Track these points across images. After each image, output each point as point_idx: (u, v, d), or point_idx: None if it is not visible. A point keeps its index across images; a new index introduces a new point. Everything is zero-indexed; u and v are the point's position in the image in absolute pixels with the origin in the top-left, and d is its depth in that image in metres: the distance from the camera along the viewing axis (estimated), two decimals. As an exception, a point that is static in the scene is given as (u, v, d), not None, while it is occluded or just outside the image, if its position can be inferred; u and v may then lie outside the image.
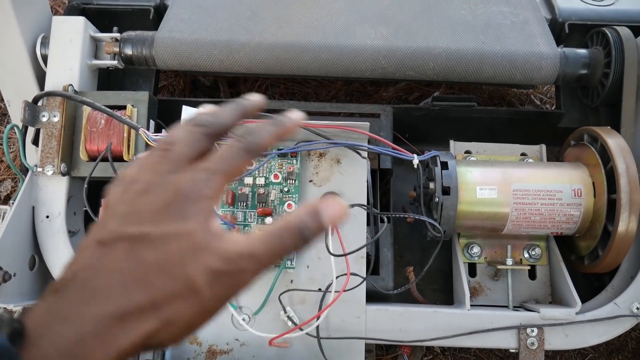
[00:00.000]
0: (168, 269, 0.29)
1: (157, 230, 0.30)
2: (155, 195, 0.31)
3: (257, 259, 0.30)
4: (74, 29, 0.86)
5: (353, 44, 0.87)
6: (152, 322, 0.29)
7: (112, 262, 0.29)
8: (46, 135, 0.79)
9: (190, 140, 0.33)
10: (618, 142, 0.77)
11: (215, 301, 0.30)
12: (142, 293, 0.29)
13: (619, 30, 0.86)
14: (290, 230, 0.31)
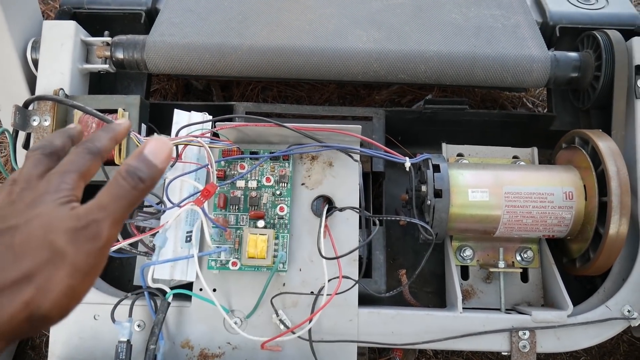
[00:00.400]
0: (33, 243, 0.33)
1: (19, 220, 0.34)
2: (16, 203, 0.35)
3: (104, 207, 0.34)
4: (64, 33, 0.86)
5: (345, 47, 0.87)
6: (27, 290, 0.31)
7: None
8: (37, 140, 0.79)
9: (32, 163, 0.38)
10: (609, 145, 0.77)
11: (83, 257, 0.33)
12: (13, 268, 0.32)
13: (610, 34, 0.87)
14: (121, 174, 0.35)
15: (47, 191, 0.35)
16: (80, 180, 0.37)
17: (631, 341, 1.03)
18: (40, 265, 0.32)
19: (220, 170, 0.78)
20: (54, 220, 0.33)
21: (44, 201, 0.34)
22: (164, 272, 0.75)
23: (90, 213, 0.34)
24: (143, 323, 0.75)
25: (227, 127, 0.75)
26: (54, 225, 0.33)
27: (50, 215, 0.34)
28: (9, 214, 0.34)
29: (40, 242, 0.33)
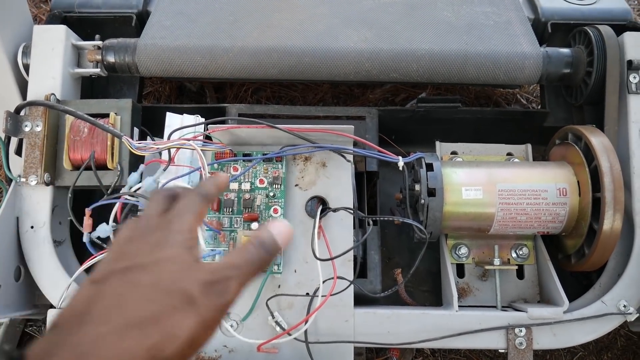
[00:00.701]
0: (164, 286, 0.33)
1: (147, 259, 0.35)
2: (140, 240, 0.37)
3: (237, 267, 0.36)
4: (55, 38, 0.85)
5: (336, 47, 0.87)
6: (154, 336, 0.31)
7: (108, 290, 0.33)
8: (29, 145, 0.79)
9: (153, 204, 0.41)
10: (602, 140, 0.77)
11: (211, 310, 0.34)
12: (141, 309, 0.32)
13: (601, 29, 0.86)
14: (253, 243, 0.39)
15: (170, 231, 0.37)
16: (196, 222, 0.39)
17: (628, 335, 1.03)
18: (169, 310, 0.32)
19: (213, 173, 0.78)
20: (187, 268, 0.35)
21: (170, 244, 0.36)
22: (159, 276, 0.74)
23: (224, 269, 0.36)
24: (139, 327, 0.75)
25: (219, 129, 0.74)
26: (187, 274, 0.34)
27: (181, 261, 0.35)
28: (133, 252, 0.35)
29: (171, 288, 0.33)
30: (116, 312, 0.31)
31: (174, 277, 0.34)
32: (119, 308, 0.32)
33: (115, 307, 0.32)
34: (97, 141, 0.79)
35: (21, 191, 0.80)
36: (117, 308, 0.31)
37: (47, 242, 0.79)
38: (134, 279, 0.33)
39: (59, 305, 0.77)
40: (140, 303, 0.32)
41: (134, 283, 0.33)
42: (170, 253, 0.35)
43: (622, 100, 0.85)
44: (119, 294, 0.32)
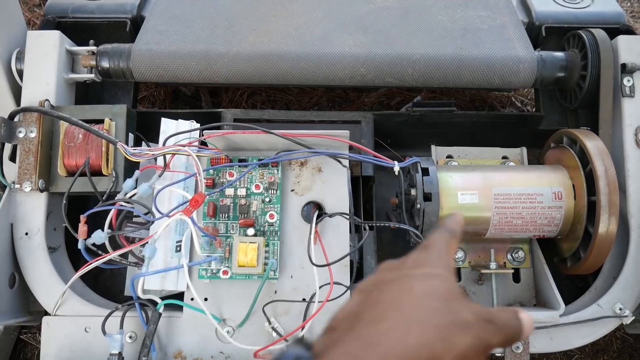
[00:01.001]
0: (438, 297, 0.35)
1: (415, 271, 0.38)
2: (402, 259, 0.40)
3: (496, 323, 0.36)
4: (49, 43, 0.85)
5: (331, 52, 0.87)
6: (434, 341, 0.32)
7: (381, 296, 0.36)
8: (23, 152, 0.78)
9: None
10: (596, 144, 0.77)
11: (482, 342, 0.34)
12: (419, 313, 0.34)
13: (595, 33, 0.87)
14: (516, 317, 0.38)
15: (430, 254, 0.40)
16: (449, 252, 0.43)
17: (624, 338, 1.04)
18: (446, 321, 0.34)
19: (208, 179, 0.77)
20: (454, 288, 0.37)
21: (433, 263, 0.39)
22: (155, 282, 0.74)
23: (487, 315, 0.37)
24: (135, 334, 0.75)
25: (214, 135, 0.74)
26: (457, 294, 0.37)
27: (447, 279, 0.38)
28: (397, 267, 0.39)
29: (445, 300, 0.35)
30: (393, 313, 0.34)
31: (445, 293, 0.36)
32: (396, 309, 0.34)
33: (392, 309, 0.34)
34: (92, 147, 0.78)
35: (15, 197, 0.80)
36: (393, 309, 0.34)
37: (41, 248, 0.79)
38: (406, 286, 0.36)
39: (53, 313, 0.76)
40: (417, 307, 0.34)
41: (408, 289, 0.36)
42: (436, 271, 0.38)
43: (616, 103, 0.86)
44: (393, 298, 0.35)
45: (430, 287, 0.36)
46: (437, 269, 0.38)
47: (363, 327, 0.34)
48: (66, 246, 0.84)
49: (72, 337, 0.76)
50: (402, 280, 0.37)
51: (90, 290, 0.82)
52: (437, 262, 0.40)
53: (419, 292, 0.36)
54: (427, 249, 0.41)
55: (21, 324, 1.00)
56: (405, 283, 0.37)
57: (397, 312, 0.34)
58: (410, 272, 0.38)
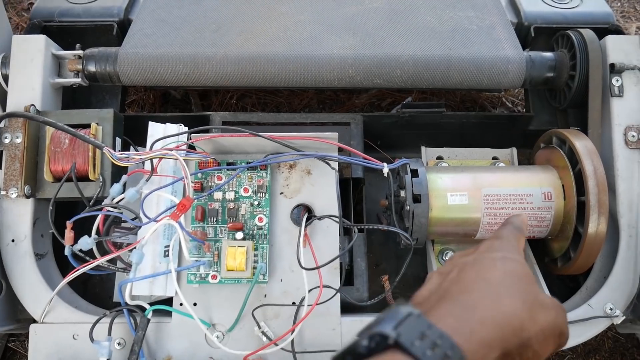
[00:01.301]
0: (518, 276, 0.39)
1: (493, 255, 0.41)
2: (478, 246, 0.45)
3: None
4: (34, 48, 0.84)
5: (320, 54, 0.87)
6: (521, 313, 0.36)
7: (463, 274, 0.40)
8: (9, 157, 0.77)
9: None
10: (585, 144, 0.77)
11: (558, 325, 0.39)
12: (505, 289, 0.37)
13: (583, 33, 0.87)
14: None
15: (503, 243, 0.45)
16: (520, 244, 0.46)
17: (616, 337, 1.04)
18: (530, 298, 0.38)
19: (197, 183, 0.77)
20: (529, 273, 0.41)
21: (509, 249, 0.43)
22: (143, 288, 0.74)
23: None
24: (123, 341, 0.74)
25: (202, 138, 0.74)
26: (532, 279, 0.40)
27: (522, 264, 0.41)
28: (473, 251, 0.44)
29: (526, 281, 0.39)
30: (482, 285, 0.37)
31: (524, 275, 0.39)
32: (483, 282, 0.38)
33: (479, 282, 0.38)
34: (78, 152, 0.77)
35: (1, 204, 0.79)
36: (481, 283, 0.38)
37: (28, 255, 0.78)
38: (488, 265, 0.39)
39: (41, 320, 0.75)
40: (503, 283, 0.37)
41: (490, 267, 0.39)
42: (513, 255, 0.41)
43: (605, 103, 0.86)
44: (478, 273, 0.39)
45: (510, 267, 0.39)
46: (513, 254, 0.42)
47: (456, 296, 0.37)
48: (54, 253, 0.83)
49: (60, 344, 0.75)
50: (482, 261, 0.40)
51: (78, 296, 0.82)
52: (511, 249, 0.43)
53: (502, 270, 0.39)
54: (499, 239, 0.44)
55: (9, 332, 0.99)
56: (486, 262, 0.40)
57: (486, 284, 0.37)
58: (488, 254, 0.41)
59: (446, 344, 0.32)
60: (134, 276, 0.69)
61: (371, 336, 0.32)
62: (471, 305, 0.36)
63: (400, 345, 0.31)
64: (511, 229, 0.48)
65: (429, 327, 0.32)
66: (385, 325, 0.32)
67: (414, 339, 0.32)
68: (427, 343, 0.31)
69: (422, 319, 0.33)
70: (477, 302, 0.36)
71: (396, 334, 0.32)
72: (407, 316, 0.33)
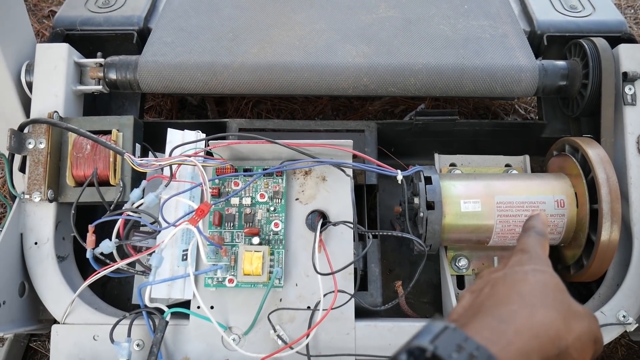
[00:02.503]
0: (551, 288, 0.40)
1: (522, 268, 0.42)
2: (503, 260, 0.47)
3: None
4: (58, 56, 0.87)
5: (335, 63, 0.88)
6: (557, 322, 0.37)
7: (495, 289, 0.41)
8: (33, 162, 0.80)
9: None
10: (598, 152, 0.78)
11: (592, 335, 0.40)
12: (538, 300, 0.38)
13: (596, 42, 0.88)
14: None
15: (531, 255, 0.45)
16: (545, 252, 0.48)
17: (629, 345, 1.03)
18: (564, 308, 0.39)
19: (214, 188, 0.79)
20: (561, 284, 0.42)
21: (535, 261, 0.44)
22: (162, 291, 0.75)
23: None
24: (142, 342, 0.76)
25: (219, 145, 0.75)
26: (564, 291, 0.41)
27: (551, 275, 0.42)
28: (501, 266, 0.45)
29: (558, 291, 0.41)
30: (515, 297, 0.39)
31: (555, 286, 0.40)
32: (517, 295, 0.39)
33: (513, 295, 0.39)
34: (100, 158, 0.80)
35: (25, 208, 0.81)
36: (514, 295, 0.39)
37: (50, 257, 0.80)
38: (519, 278, 0.41)
39: (62, 321, 0.77)
40: (536, 294, 0.39)
41: (522, 280, 0.40)
42: (542, 267, 0.43)
43: (618, 111, 0.86)
44: (511, 287, 0.40)
45: (542, 279, 0.41)
46: (542, 266, 0.43)
47: (490, 310, 0.38)
48: (75, 255, 0.86)
49: (80, 345, 0.77)
50: (513, 275, 0.42)
51: (98, 298, 0.83)
52: (539, 261, 0.44)
53: (534, 282, 0.40)
54: (525, 252, 0.45)
55: (31, 332, 1.02)
56: (518, 276, 0.41)
57: (519, 297, 0.39)
58: (518, 268, 0.42)
59: (483, 356, 0.32)
60: (153, 279, 0.71)
61: (409, 351, 0.33)
62: (506, 318, 0.37)
63: (438, 357, 0.32)
64: (535, 237, 0.49)
65: (465, 339, 0.33)
66: (422, 339, 0.33)
67: (451, 351, 0.32)
68: (465, 355, 0.32)
69: (458, 332, 0.34)
70: (512, 314, 0.37)
71: (433, 347, 0.32)
72: (444, 330, 0.34)
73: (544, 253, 0.47)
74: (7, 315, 0.77)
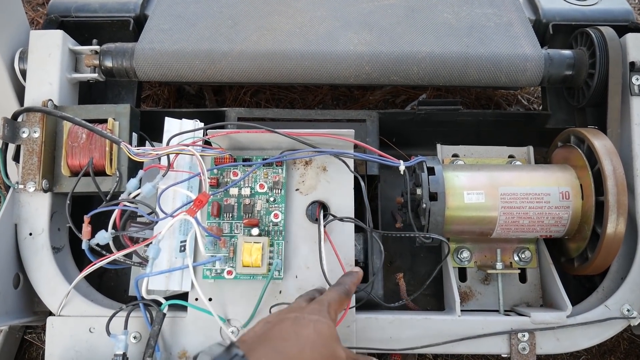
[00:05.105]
0: (324, 338, 0.53)
1: (310, 317, 0.54)
2: (300, 304, 0.60)
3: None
4: (52, 43, 0.85)
5: (336, 51, 0.86)
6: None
7: (282, 327, 0.52)
8: (27, 152, 0.78)
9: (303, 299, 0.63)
10: (604, 143, 0.76)
11: None
12: (311, 344, 0.51)
13: (603, 31, 0.86)
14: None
15: (323, 306, 0.58)
16: (338, 309, 0.60)
17: (631, 339, 1.03)
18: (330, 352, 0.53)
19: (213, 178, 0.77)
20: (335, 336, 0.55)
21: (323, 314, 0.56)
22: (159, 282, 0.74)
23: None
24: (139, 335, 0.75)
25: (218, 134, 0.74)
26: (337, 342, 0.55)
27: (329, 327, 0.55)
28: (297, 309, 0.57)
29: (329, 342, 0.53)
30: (294, 337, 0.51)
31: (329, 335, 0.53)
32: (295, 336, 0.51)
33: (293, 335, 0.51)
34: (96, 147, 0.78)
35: (19, 198, 0.80)
36: (294, 335, 0.51)
37: (45, 249, 0.79)
38: (304, 324, 0.53)
39: (58, 313, 0.76)
40: (310, 338, 0.51)
41: (305, 325, 0.52)
42: (326, 320, 0.55)
43: (625, 102, 0.85)
44: (295, 330, 0.52)
45: (320, 328, 0.53)
46: (328, 319, 0.55)
47: (273, 342, 0.50)
48: (70, 246, 0.84)
49: (76, 337, 0.75)
50: (302, 319, 0.53)
51: (94, 290, 0.82)
52: (326, 315, 0.56)
53: (312, 329, 0.52)
54: (322, 305, 0.57)
55: (26, 324, 1.00)
56: (304, 322, 0.53)
57: (297, 337, 0.51)
58: (307, 315, 0.54)
59: None
60: (150, 271, 0.69)
61: None
62: (282, 350, 0.49)
63: None
64: (339, 296, 0.61)
65: None
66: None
67: None
68: None
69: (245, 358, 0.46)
70: (287, 348, 0.49)
71: None
72: (234, 356, 0.46)
73: (339, 309, 0.60)
74: (2, 307, 0.75)
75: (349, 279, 0.66)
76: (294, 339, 0.50)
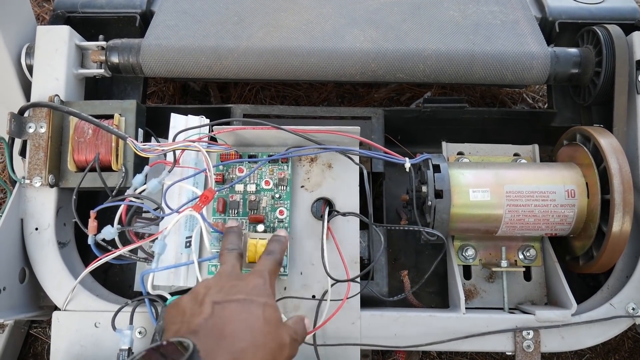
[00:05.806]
0: (273, 324, 0.52)
1: (257, 299, 0.53)
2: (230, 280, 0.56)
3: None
4: (58, 38, 0.85)
5: (342, 48, 0.86)
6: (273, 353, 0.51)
7: (231, 313, 0.51)
8: (33, 147, 0.78)
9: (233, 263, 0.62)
10: (611, 142, 0.76)
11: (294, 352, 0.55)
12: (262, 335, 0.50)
13: (610, 29, 0.86)
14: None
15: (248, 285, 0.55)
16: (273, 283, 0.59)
17: (636, 337, 1.02)
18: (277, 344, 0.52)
19: (218, 175, 0.77)
20: (279, 319, 0.54)
21: (262, 294, 0.55)
22: (165, 278, 0.74)
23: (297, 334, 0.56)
24: (144, 330, 0.75)
25: (224, 130, 0.74)
26: (281, 325, 0.54)
27: (275, 309, 0.54)
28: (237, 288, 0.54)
29: (275, 328, 0.52)
30: (247, 335, 0.49)
31: (275, 320, 0.53)
32: (249, 332, 0.49)
33: (246, 331, 0.49)
34: (102, 142, 0.78)
35: (25, 193, 0.80)
36: (247, 331, 0.49)
37: (51, 243, 0.79)
38: (252, 311, 0.51)
39: (64, 308, 0.76)
40: (262, 334, 0.50)
41: (253, 313, 0.51)
42: (270, 302, 0.54)
43: (631, 100, 0.84)
44: (246, 324, 0.50)
45: (268, 315, 0.52)
46: (272, 300, 0.55)
47: (227, 344, 0.47)
48: (76, 241, 0.84)
49: (82, 332, 0.76)
50: (249, 305, 0.52)
51: (99, 285, 0.82)
52: (269, 291, 0.56)
53: (262, 319, 0.51)
54: (264, 277, 0.57)
55: (31, 319, 1.00)
56: (252, 307, 0.51)
57: (250, 333, 0.49)
58: (255, 299, 0.53)
59: None
60: (156, 266, 0.69)
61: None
62: (239, 356, 0.47)
63: None
64: (273, 264, 0.61)
65: None
66: None
67: None
68: None
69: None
70: (243, 351, 0.48)
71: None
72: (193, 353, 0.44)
73: (274, 279, 0.60)
74: (8, 301, 0.76)
75: (278, 246, 0.65)
76: (249, 337, 0.49)
